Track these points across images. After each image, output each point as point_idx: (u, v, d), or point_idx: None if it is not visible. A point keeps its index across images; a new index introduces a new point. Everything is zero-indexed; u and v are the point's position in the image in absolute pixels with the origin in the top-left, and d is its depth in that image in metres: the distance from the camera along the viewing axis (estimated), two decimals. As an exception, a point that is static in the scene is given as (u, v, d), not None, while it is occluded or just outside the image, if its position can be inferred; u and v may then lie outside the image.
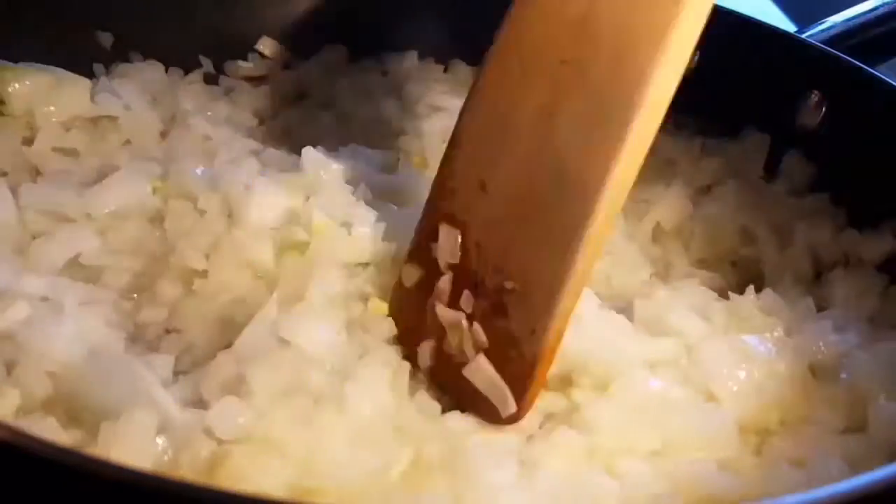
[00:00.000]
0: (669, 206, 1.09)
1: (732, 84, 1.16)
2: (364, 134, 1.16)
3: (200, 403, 0.72)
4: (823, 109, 1.11)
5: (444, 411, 0.79)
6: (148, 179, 0.95)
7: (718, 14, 1.20)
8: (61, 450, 0.55)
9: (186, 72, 1.23)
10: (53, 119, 1.05)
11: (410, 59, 1.29)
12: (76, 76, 1.10)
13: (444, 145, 0.84)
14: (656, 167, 1.12)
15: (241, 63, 1.27)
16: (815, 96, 1.11)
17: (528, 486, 0.70)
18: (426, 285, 0.82)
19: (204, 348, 0.84)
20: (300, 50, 1.29)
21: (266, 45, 1.28)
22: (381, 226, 0.90)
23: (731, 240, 1.07)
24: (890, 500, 0.61)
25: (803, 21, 1.27)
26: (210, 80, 1.24)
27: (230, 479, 0.64)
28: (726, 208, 1.08)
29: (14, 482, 0.56)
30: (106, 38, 1.20)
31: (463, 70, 1.28)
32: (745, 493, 0.71)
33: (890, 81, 1.05)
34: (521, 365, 0.76)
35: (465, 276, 0.80)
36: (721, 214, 1.08)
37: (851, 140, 1.07)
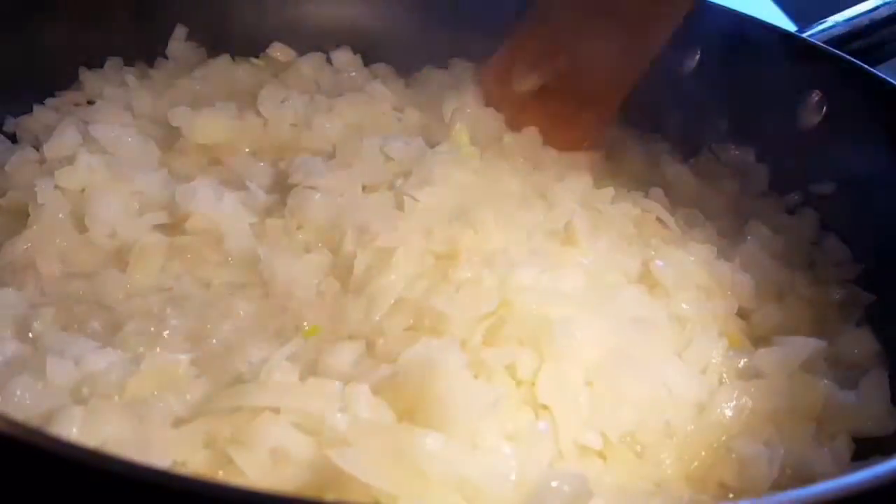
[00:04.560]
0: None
1: (733, 83, 1.16)
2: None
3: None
4: (823, 109, 1.11)
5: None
6: None
7: (719, 14, 1.22)
8: (67, 446, 0.55)
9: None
10: None
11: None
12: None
13: None
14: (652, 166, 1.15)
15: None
16: (815, 96, 1.12)
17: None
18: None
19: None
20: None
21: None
22: None
23: None
24: (887, 497, 0.62)
25: (803, 21, 1.27)
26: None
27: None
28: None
29: (19, 479, 0.57)
30: None
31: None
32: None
33: (890, 81, 1.06)
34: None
35: None
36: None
37: (852, 139, 1.08)
